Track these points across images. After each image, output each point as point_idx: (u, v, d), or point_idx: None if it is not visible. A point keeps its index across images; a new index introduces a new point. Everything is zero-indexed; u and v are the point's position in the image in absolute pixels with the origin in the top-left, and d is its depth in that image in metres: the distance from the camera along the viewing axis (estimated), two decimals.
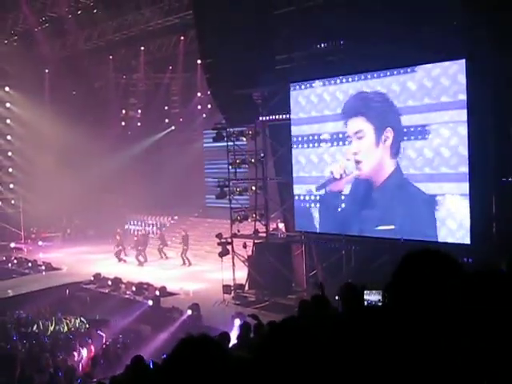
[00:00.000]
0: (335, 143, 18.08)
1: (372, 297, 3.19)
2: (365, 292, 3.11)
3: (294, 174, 19.44)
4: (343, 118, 17.70)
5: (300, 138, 19.19)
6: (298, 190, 19.37)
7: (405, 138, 16.10)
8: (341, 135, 17.88)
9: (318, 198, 18.62)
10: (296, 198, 19.48)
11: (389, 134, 16.41)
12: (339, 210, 17.97)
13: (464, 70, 14.65)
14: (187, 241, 28.81)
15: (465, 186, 14.83)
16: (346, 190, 17.70)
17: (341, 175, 17.75)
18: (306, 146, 19.01)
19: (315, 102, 18.63)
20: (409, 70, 16.06)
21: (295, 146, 19.30)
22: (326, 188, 18.19)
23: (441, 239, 15.40)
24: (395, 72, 16.41)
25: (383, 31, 16.19)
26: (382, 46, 16.20)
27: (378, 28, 16.23)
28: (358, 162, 17.28)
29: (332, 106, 18.13)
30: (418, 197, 15.83)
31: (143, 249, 29.53)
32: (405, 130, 16.07)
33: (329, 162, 18.29)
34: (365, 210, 17.21)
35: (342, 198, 17.86)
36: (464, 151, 14.74)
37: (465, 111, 14.66)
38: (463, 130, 14.74)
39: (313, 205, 18.85)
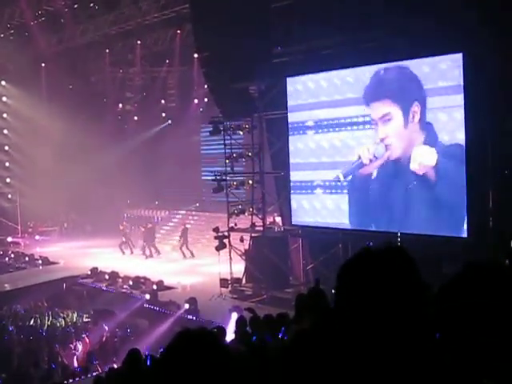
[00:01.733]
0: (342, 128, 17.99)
1: None
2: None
3: (292, 161, 19.48)
4: (364, 102, 17.10)
5: (301, 124, 19.18)
6: (295, 177, 19.45)
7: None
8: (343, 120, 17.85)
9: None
10: (293, 186, 19.50)
11: (416, 108, 15.68)
12: (368, 198, 17.37)
13: (461, 64, 14.67)
14: (186, 234, 28.78)
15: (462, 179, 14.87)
16: (374, 175, 17.08)
17: (370, 160, 16.98)
18: (308, 131, 18.99)
19: (313, 88, 18.67)
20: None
21: (301, 132, 19.27)
22: (354, 173, 17.58)
23: (437, 232, 15.46)
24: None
25: (381, 25, 16.18)
26: (380, 40, 16.20)
27: (376, 22, 16.23)
28: (387, 146, 16.59)
29: (330, 91, 18.16)
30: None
31: (149, 242, 29.48)
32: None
33: (329, 148, 18.29)
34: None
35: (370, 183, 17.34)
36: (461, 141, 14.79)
37: (462, 106, 14.70)
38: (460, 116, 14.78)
39: (317, 192, 18.85)
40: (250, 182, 22.02)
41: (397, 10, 15.27)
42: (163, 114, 37.99)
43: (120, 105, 38.91)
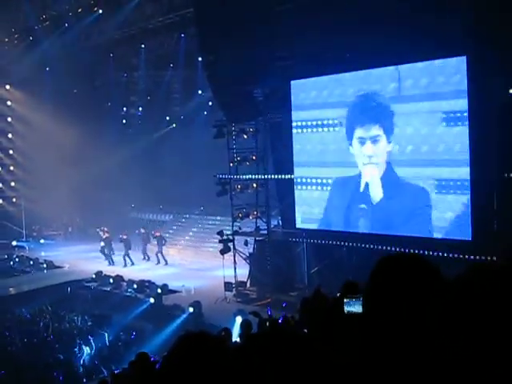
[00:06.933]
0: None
1: (352, 307, 3.02)
2: (344, 301, 2.97)
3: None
4: (354, 122, 17.58)
5: (304, 123, 19.26)
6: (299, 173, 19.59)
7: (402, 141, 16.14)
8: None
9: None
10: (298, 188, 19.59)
11: (392, 139, 16.51)
12: (352, 206, 17.86)
13: (465, 66, 14.66)
14: (161, 241, 28.57)
15: (466, 182, 14.84)
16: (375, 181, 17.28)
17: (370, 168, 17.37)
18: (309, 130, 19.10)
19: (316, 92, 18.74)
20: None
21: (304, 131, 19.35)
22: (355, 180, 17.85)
23: (442, 235, 15.43)
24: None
25: (385, 28, 16.18)
26: (384, 43, 16.20)
27: (380, 25, 16.22)
28: (371, 164, 17.17)
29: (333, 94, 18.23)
30: (417, 192, 15.87)
31: (144, 247, 29.39)
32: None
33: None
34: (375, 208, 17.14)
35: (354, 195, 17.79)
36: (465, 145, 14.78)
37: (466, 106, 14.68)
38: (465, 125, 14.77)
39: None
40: (255, 185, 22.00)
41: (399, 13, 15.27)
42: (167, 118, 38.00)
43: (124, 108, 38.92)
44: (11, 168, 37.80)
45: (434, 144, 15.43)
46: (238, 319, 16.10)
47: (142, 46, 32.44)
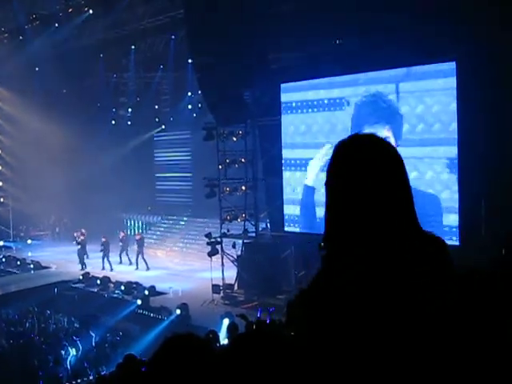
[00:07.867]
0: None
1: None
2: None
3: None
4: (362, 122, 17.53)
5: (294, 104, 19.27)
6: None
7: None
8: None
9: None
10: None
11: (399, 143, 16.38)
12: None
13: (455, 71, 14.73)
14: (142, 244, 28.33)
15: (454, 186, 14.89)
16: None
17: None
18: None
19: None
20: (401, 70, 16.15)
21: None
22: None
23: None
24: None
25: (376, 33, 16.23)
26: (375, 48, 16.24)
27: (371, 29, 16.26)
28: None
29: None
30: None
31: (124, 249, 29.09)
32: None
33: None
34: None
35: None
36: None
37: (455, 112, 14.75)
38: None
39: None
40: (243, 188, 22.01)
41: (391, 18, 15.32)
42: (157, 119, 37.90)
43: (114, 110, 38.78)
44: None
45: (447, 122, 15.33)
46: (225, 322, 16.09)
47: (132, 47, 32.38)
